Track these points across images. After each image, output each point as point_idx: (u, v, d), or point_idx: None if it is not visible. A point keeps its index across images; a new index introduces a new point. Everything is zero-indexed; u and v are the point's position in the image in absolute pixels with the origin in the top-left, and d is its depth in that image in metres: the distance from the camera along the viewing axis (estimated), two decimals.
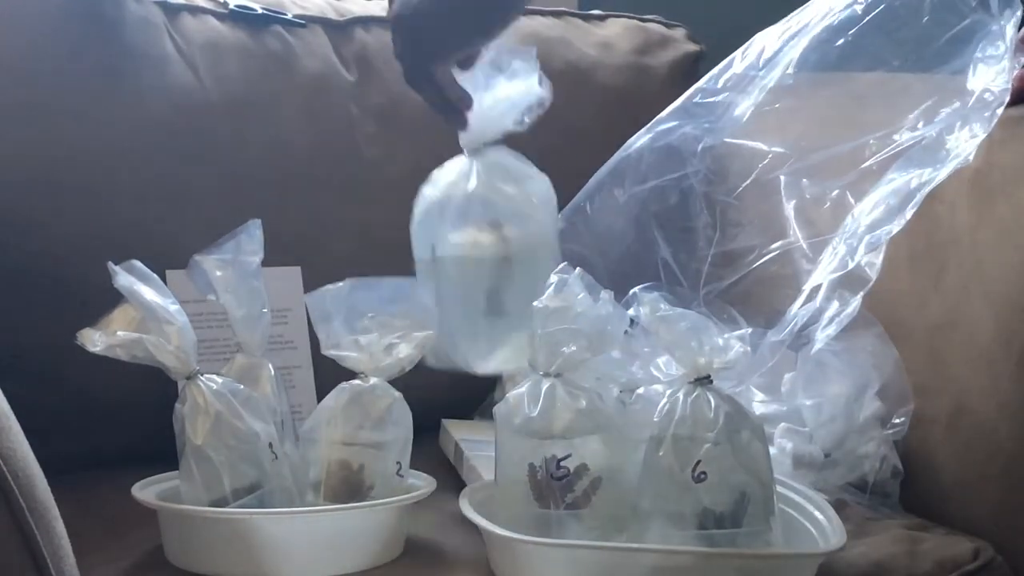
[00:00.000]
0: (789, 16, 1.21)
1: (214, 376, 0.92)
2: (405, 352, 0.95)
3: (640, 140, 1.26)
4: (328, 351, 0.95)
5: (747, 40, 1.23)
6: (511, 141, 1.05)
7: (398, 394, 0.96)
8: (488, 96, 1.03)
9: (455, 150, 1.32)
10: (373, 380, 0.95)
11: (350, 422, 0.94)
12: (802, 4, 1.20)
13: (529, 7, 1.44)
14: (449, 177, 1.04)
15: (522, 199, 1.04)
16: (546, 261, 0.99)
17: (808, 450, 1.08)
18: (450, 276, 1.03)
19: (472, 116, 1.02)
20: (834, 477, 1.07)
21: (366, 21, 1.35)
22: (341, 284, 0.95)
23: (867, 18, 1.14)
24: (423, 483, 0.97)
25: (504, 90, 1.03)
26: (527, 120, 1.03)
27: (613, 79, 1.43)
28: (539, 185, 1.05)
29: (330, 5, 1.35)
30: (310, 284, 1.01)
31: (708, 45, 1.50)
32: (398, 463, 0.95)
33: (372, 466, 0.93)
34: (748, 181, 1.24)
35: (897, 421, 1.08)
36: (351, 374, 0.96)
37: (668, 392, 0.88)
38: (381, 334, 0.94)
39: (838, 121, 1.20)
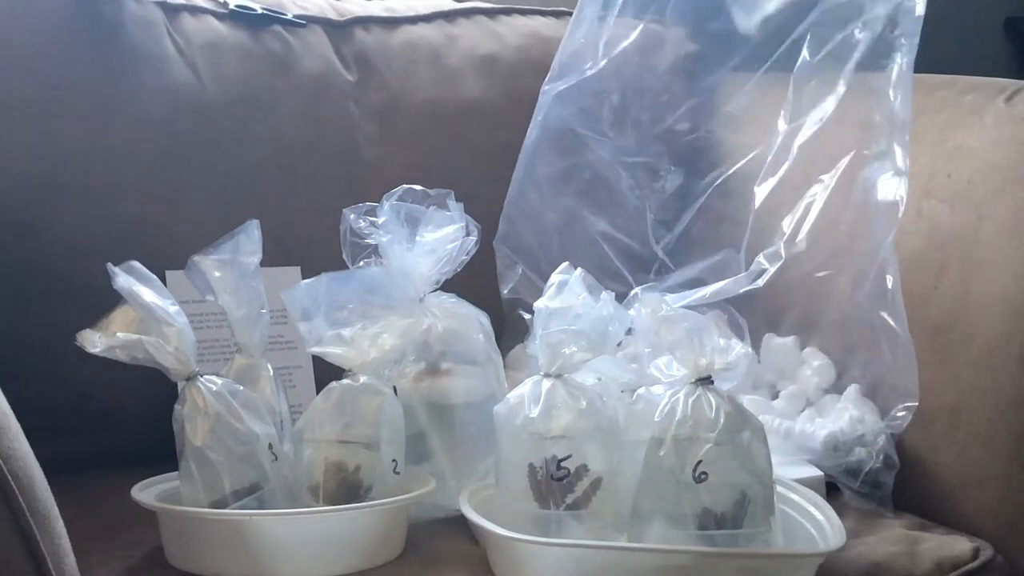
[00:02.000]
0: None
1: (213, 377, 0.92)
2: (390, 343, 0.94)
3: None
4: (312, 348, 0.94)
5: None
6: None
7: (388, 390, 0.95)
8: (416, 248, 1.00)
9: (455, 151, 1.33)
10: (363, 379, 0.94)
11: (341, 421, 0.93)
12: None
13: (529, 7, 1.44)
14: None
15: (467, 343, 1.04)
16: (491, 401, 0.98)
17: (844, 432, 1.06)
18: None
19: (401, 268, 1.01)
20: (827, 463, 1.06)
21: (366, 21, 1.35)
22: (316, 278, 0.95)
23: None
24: (422, 481, 0.97)
25: (429, 239, 1.00)
26: (462, 261, 1.02)
27: None
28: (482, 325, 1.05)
29: (330, 5, 1.35)
30: None
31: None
32: (394, 460, 0.95)
33: (368, 466, 0.93)
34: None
35: (899, 415, 1.07)
36: None
37: (669, 392, 0.88)
38: (364, 325, 0.94)
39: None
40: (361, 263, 1.01)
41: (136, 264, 0.91)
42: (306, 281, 0.95)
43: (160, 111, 1.19)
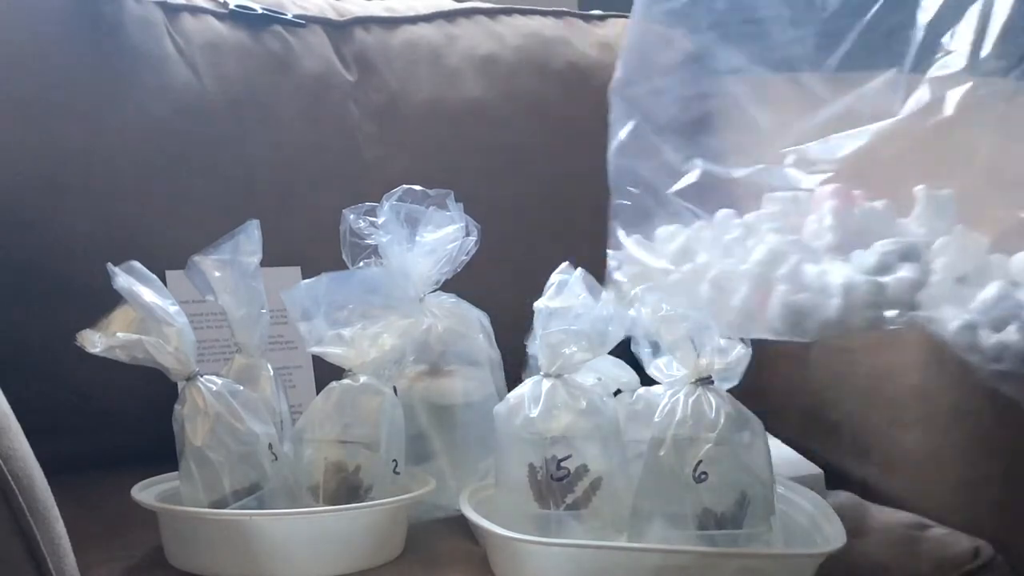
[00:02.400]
0: None
1: (213, 377, 0.92)
2: (390, 343, 0.94)
3: None
4: (313, 348, 0.94)
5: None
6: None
7: (388, 390, 0.95)
8: (416, 249, 1.01)
9: (455, 151, 1.33)
10: (363, 379, 0.95)
11: (341, 421, 0.93)
12: None
13: (529, 7, 1.44)
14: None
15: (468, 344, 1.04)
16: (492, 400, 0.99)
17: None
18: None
19: (401, 268, 1.01)
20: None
21: (366, 21, 1.35)
22: (316, 278, 0.95)
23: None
24: (422, 481, 0.97)
25: (429, 239, 1.01)
26: (461, 262, 1.02)
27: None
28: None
29: (330, 5, 1.35)
30: None
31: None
32: (394, 460, 0.95)
33: (368, 466, 0.93)
34: None
35: None
36: None
37: (669, 393, 0.88)
38: (364, 325, 0.94)
39: None
40: (361, 263, 1.01)
41: (136, 264, 0.91)
42: (306, 281, 0.95)
43: (160, 111, 1.19)
